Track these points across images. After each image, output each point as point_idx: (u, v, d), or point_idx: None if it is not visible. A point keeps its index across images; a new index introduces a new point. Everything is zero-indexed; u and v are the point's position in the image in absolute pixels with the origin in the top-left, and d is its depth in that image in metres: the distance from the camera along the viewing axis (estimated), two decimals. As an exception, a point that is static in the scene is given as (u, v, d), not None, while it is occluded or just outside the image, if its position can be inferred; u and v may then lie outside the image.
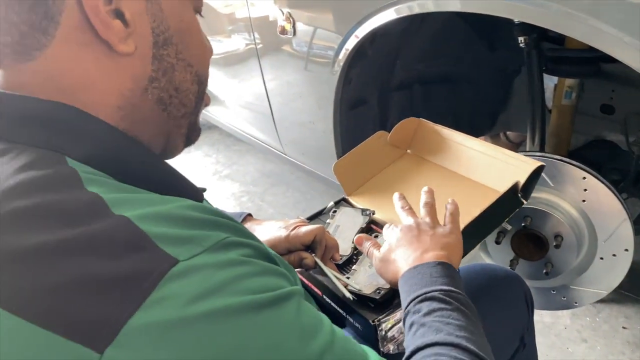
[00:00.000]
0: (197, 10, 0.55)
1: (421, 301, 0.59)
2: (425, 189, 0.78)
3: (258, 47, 1.65)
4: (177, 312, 0.35)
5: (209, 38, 0.58)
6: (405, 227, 0.73)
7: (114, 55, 0.46)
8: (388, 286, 0.74)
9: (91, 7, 0.44)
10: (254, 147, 2.27)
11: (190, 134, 0.58)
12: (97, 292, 0.35)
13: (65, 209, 0.38)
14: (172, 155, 0.58)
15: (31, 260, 0.36)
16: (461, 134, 1.00)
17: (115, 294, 0.35)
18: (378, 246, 0.75)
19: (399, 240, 0.71)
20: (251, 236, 0.48)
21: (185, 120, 0.55)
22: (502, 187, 0.84)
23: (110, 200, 0.40)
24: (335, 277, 0.78)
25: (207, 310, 0.36)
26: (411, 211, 0.77)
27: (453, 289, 0.60)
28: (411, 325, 0.58)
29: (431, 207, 0.76)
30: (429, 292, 0.59)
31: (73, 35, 0.45)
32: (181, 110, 0.54)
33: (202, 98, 0.57)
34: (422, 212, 0.75)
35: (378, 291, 0.75)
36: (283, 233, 0.79)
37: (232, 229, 0.45)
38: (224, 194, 2.60)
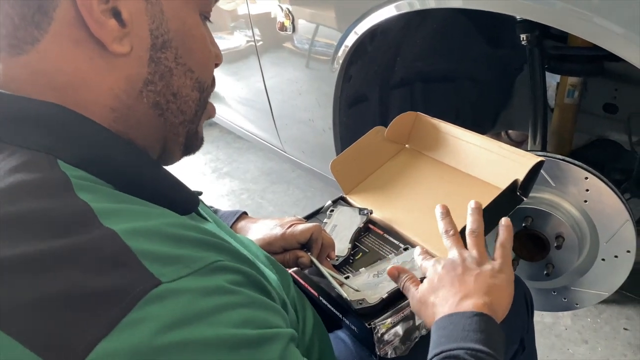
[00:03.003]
0: (205, 14, 0.53)
1: (444, 358, 0.55)
2: (471, 204, 0.72)
3: (257, 43, 1.64)
4: (149, 339, 0.34)
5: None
6: (448, 263, 0.66)
7: (108, 55, 0.45)
8: (373, 302, 0.72)
9: (84, 5, 0.42)
10: (255, 145, 2.26)
11: (190, 143, 0.55)
12: (73, 309, 0.33)
13: (52, 218, 0.37)
14: (168, 163, 0.55)
15: (12, 271, 0.34)
16: (459, 128, 0.98)
17: (91, 312, 0.33)
18: (416, 282, 0.68)
19: (441, 279, 0.64)
20: (245, 260, 0.46)
21: (183, 129, 0.53)
22: (501, 182, 0.83)
23: (99, 211, 0.38)
24: (332, 276, 0.77)
25: (180, 340, 0.35)
26: (456, 239, 0.70)
27: (483, 348, 0.54)
28: None
29: (477, 236, 0.69)
30: (454, 349, 0.54)
31: (66, 31, 0.43)
32: (179, 117, 0.51)
33: (203, 106, 0.55)
34: (468, 242, 0.69)
35: (360, 302, 0.73)
36: (279, 231, 0.78)
37: (225, 251, 0.43)
38: (223, 192, 2.59)
